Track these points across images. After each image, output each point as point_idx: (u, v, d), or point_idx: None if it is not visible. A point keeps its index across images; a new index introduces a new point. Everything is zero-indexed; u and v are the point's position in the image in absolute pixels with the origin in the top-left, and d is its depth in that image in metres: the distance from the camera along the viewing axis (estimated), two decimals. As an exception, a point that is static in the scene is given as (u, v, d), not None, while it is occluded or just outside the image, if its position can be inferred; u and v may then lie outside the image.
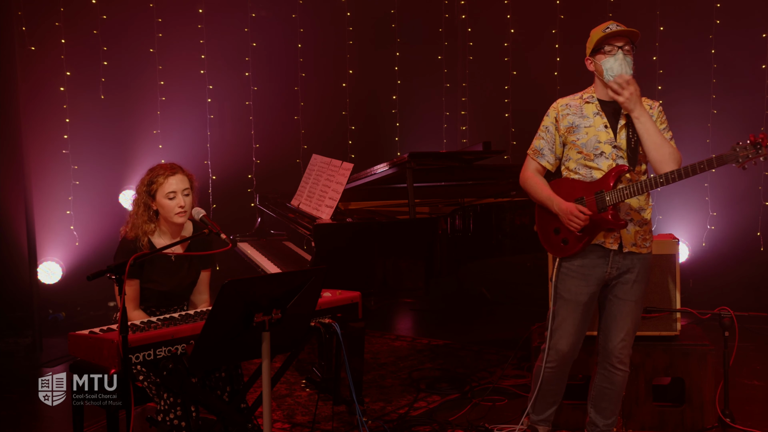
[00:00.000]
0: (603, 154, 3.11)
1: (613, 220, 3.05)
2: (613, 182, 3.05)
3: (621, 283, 3.17)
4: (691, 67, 6.19)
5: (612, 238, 3.12)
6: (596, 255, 3.14)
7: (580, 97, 3.22)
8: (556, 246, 3.21)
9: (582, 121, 3.15)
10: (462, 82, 7.17)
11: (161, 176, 3.19)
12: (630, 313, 3.19)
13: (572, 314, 3.19)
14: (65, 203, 6.19)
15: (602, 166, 3.11)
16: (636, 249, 3.14)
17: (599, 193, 3.07)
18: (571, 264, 3.18)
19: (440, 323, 6.18)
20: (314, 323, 2.97)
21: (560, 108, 3.21)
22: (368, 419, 3.89)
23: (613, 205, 3.05)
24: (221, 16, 6.66)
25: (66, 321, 6.00)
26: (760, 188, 6.03)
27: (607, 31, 3.06)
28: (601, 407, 3.33)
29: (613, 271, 3.15)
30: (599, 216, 3.07)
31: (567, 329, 3.21)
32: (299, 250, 4.56)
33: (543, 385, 3.32)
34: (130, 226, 3.21)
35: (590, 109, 3.17)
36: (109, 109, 6.32)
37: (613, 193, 3.05)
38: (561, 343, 3.22)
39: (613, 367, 3.24)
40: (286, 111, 6.88)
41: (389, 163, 4.23)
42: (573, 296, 3.18)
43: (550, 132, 3.22)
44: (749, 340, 5.05)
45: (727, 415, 3.72)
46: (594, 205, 3.08)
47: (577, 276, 3.16)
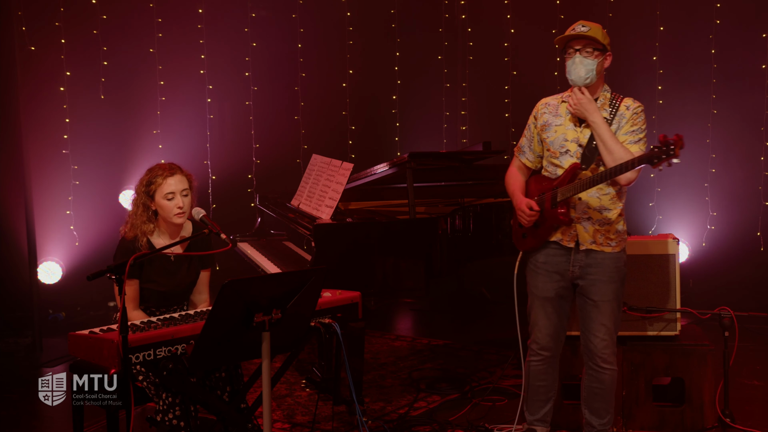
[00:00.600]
0: (568, 152, 3.18)
1: (561, 217, 3.13)
2: (568, 180, 3.13)
3: (589, 283, 3.20)
4: (691, 67, 6.19)
5: (568, 236, 3.18)
6: (557, 251, 3.23)
7: (560, 97, 3.27)
8: (518, 239, 3.38)
9: (554, 120, 3.23)
10: (462, 82, 7.18)
11: (160, 177, 3.18)
12: (606, 313, 3.19)
13: (543, 309, 3.30)
14: (65, 203, 6.19)
15: (564, 164, 3.18)
16: (597, 247, 3.16)
17: (554, 190, 3.17)
18: (535, 260, 3.29)
19: (440, 323, 6.18)
20: (314, 323, 2.97)
21: (540, 107, 3.31)
22: (368, 419, 3.89)
23: (563, 201, 3.11)
24: (221, 16, 6.66)
25: (66, 321, 6.00)
26: (760, 188, 6.03)
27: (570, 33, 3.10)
28: (594, 407, 3.34)
29: (576, 270, 3.20)
30: (551, 212, 3.17)
31: (541, 323, 3.31)
32: (299, 250, 4.56)
33: (531, 381, 3.39)
34: (129, 226, 3.21)
35: (564, 108, 3.23)
36: (109, 109, 6.31)
37: (564, 189, 3.13)
38: (539, 337, 3.33)
39: (598, 367, 3.26)
40: (286, 111, 6.88)
41: (389, 163, 4.23)
42: (540, 292, 3.28)
43: (530, 130, 3.33)
44: (749, 340, 5.05)
45: (727, 415, 3.72)
46: (549, 201, 3.18)
47: (542, 272, 3.27)
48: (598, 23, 3.13)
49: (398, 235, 3.88)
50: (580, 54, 3.08)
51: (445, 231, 4.00)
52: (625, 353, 3.70)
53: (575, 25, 3.11)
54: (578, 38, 3.08)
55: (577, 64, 3.08)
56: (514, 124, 6.89)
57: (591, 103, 3.08)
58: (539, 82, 6.73)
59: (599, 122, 3.06)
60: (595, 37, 3.06)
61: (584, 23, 3.10)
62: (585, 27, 3.08)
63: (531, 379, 3.39)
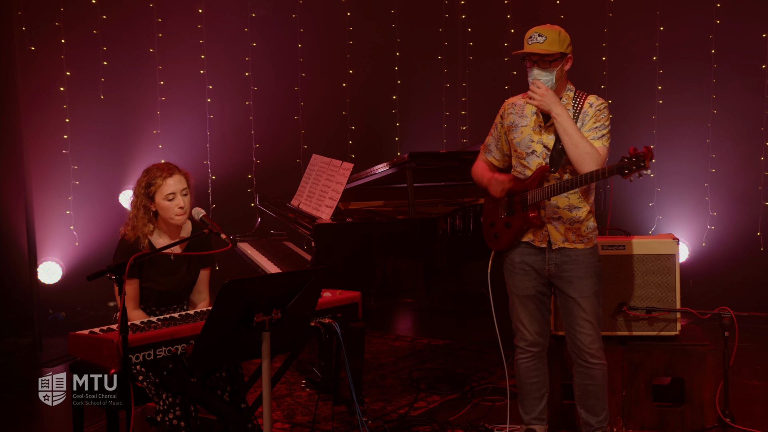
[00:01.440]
0: (534, 153, 3.19)
1: (533, 220, 3.17)
2: (537, 182, 3.15)
3: (566, 281, 3.22)
4: (691, 67, 6.19)
5: (540, 236, 3.21)
6: (532, 251, 3.25)
7: (525, 96, 3.25)
8: (489, 238, 3.40)
9: (520, 120, 3.24)
10: (462, 82, 7.17)
11: (159, 178, 3.18)
12: (587, 309, 3.21)
13: (525, 307, 3.33)
14: (65, 203, 6.19)
15: (532, 165, 3.20)
16: (569, 245, 3.19)
17: (523, 192, 3.19)
18: (512, 260, 3.32)
19: (440, 323, 6.18)
20: (314, 323, 2.97)
21: (507, 107, 3.33)
22: (368, 419, 3.89)
23: (534, 204, 3.14)
24: (221, 16, 6.66)
25: (66, 321, 6.00)
26: (760, 188, 6.03)
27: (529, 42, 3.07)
28: (589, 405, 3.34)
29: (552, 267, 3.23)
30: (522, 213, 3.20)
31: (526, 321, 3.34)
32: (299, 250, 4.56)
33: (523, 379, 3.42)
34: (130, 228, 3.21)
35: (529, 108, 3.23)
36: (109, 109, 6.31)
37: (534, 192, 3.14)
38: (525, 334, 3.36)
39: (587, 363, 3.27)
40: (286, 111, 6.88)
41: (389, 163, 4.23)
42: (520, 291, 3.32)
43: (497, 129, 3.36)
44: (749, 340, 5.05)
45: (727, 415, 3.72)
46: (519, 204, 3.20)
47: (519, 272, 3.30)
48: (554, 25, 3.11)
49: (398, 235, 3.88)
50: (537, 67, 3.09)
51: (445, 231, 4.00)
52: (625, 353, 3.70)
53: (531, 34, 3.08)
54: (533, 54, 3.08)
55: (536, 75, 3.09)
56: (514, 124, 6.87)
57: (554, 96, 3.08)
58: (539, 82, 6.73)
59: (564, 115, 3.05)
60: (549, 51, 3.04)
61: (540, 32, 3.06)
62: (541, 37, 3.05)
63: (523, 377, 3.42)
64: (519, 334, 3.40)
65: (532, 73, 3.11)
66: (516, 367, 3.44)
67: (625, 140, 6.21)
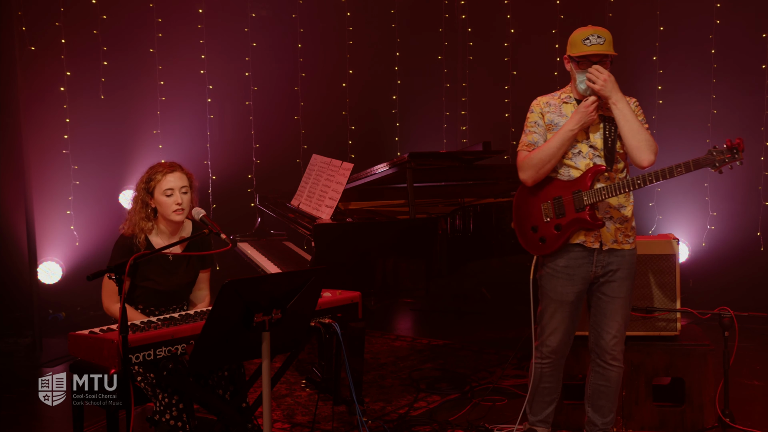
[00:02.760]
0: (580, 153, 3.15)
1: (591, 219, 3.10)
2: (590, 182, 3.11)
3: (608, 281, 3.20)
4: (691, 67, 6.19)
5: (592, 237, 3.15)
6: (579, 254, 3.18)
7: (558, 97, 3.24)
8: (534, 244, 3.26)
9: (561, 120, 3.18)
10: (462, 82, 7.17)
11: (159, 173, 3.20)
12: (620, 310, 3.22)
13: (559, 312, 3.25)
14: (65, 203, 6.19)
15: (580, 165, 3.15)
16: (618, 246, 3.18)
17: (576, 193, 3.12)
18: (555, 264, 3.22)
19: (440, 323, 6.18)
20: (314, 323, 2.97)
21: (542, 105, 3.25)
22: (368, 419, 3.89)
23: (590, 204, 3.10)
24: (221, 16, 6.66)
25: (66, 321, 5.99)
26: (760, 188, 6.03)
27: (587, 43, 3.05)
28: (599, 405, 3.34)
29: (599, 270, 3.18)
30: (577, 215, 3.12)
31: (555, 326, 3.27)
32: (299, 250, 4.56)
33: (538, 383, 3.37)
34: (128, 223, 3.22)
35: (568, 108, 3.20)
36: (109, 109, 6.31)
37: (591, 193, 3.10)
38: (551, 339, 3.29)
39: (606, 364, 3.27)
40: (286, 111, 6.88)
41: (389, 163, 4.23)
42: (559, 296, 3.23)
43: (540, 125, 3.24)
44: (749, 340, 5.05)
45: (727, 415, 3.72)
46: (572, 205, 3.13)
47: (563, 276, 3.20)
48: (604, 27, 3.11)
49: (398, 235, 3.88)
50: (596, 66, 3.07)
51: (445, 231, 4.00)
52: (625, 353, 3.69)
53: (588, 35, 3.05)
54: (600, 55, 3.06)
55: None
56: (514, 124, 6.88)
57: (615, 82, 3.05)
58: (539, 82, 6.73)
59: (623, 101, 3.05)
60: (610, 52, 3.06)
61: (598, 33, 3.05)
62: (600, 39, 3.04)
63: (537, 381, 3.37)
64: (543, 339, 3.32)
65: (582, 74, 3.08)
66: (532, 370, 3.40)
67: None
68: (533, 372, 3.38)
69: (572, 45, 3.12)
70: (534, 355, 3.38)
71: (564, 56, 3.19)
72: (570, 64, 3.15)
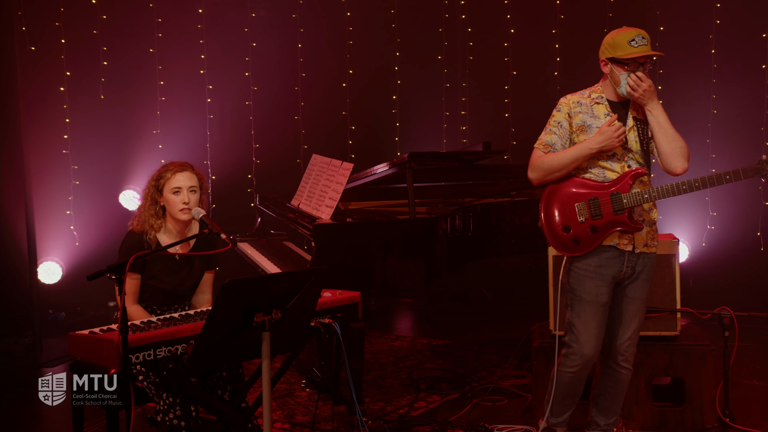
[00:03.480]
0: (615, 156, 3.11)
1: (630, 222, 3.06)
2: (629, 185, 3.07)
3: (633, 282, 3.17)
4: (691, 67, 6.19)
5: (626, 239, 3.11)
6: (611, 254, 3.12)
7: (589, 96, 3.18)
8: (566, 245, 3.16)
9: (594, 121, 3.13)
10: (462, 82, 7.17)
11: (169, 172, 3.22)
12: (638, 312, 3.21)
13: (596, 316, 3.15)
14: (65, 203, 6.19)
15: (615, 168, 3.11)
16: (647, 249, 3.15)
17: (615, 195, 3.07)
18: (587, 264, 3.14)
19: (440, 323, 6.18)
20: (314, 323, 2.97)
21: (572, 105, 3.17)
22: (368, 419, 3.89)
23: (630, 207, 3.06)
24: (221, 16, 6.66)
25: (66, 321, 5.99)
26: (760, 188, 6.03)
27: (633, 45, 3.00)
28: (604, 406, 3.33)
29: (628, 271, 3.14)
30: (615, 217, 3.07)
31: (592, 332, 3.15)
32: (299, 250, 4.56)
33: (564, 389, 3.25)
34: (137, 219, 3.23)
35: (601, 109, 3.14)
36: (109, 109, 6.31)
37: (631, 195, 3.06)
38: (587, 347, 3.15)
39: (618, 366, 3.25)
40: (286, 111, 6.88)
41: (389, 163, 4.23)
42: (594, 297, 3.13)
43: (564, 127, 3.17)
44: (749, 340, 5.05)
45: (727, 415, 3.72)
46: (609, 206, 3.08)
47: (596, 276, 3.13)
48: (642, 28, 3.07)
49: (398, 235, 3.88)
50: (642, 68, 3.05)
51: (445, 231, 4.00)
52: (625, 353, 3.69)
53: (635, 36, 2.99)
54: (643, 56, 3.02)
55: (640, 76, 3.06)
56: (514, 124, 6.89)
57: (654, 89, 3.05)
58: (539, 82, 6.74)
59: (660, 109, 3.06)
60: (659, 52, 3.05)
61: (642, 34, 3.01)
62: (645, 39, 3.00)
63: (564, 387, 3.24)
64: (578, 346, 3.16)
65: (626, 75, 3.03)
66: (559, 376, 3.25)
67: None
68: (558, 378, 3.25)
69: (615, 47, 3.03)
70: (560, 362, 3.24)
71: (601, 59, 3.11)
72: (609, 66, 3.08)
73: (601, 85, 3.20)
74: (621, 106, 3.15)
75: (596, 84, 3.23)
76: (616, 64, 3.05)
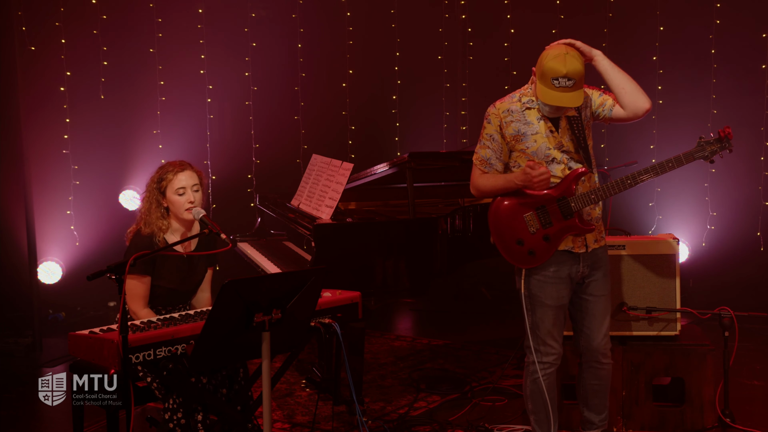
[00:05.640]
0: (555, 160, 3.06)
1: (581, 224, 3.06)
2: (574, 187, 3.04)
3: (593, 280, 3.18)
4: (691, 67, 6.19)
5: (579, 241, 3.11)
6: (567, 258, 3.12)
7: (519, 100, 3.10)
8: (521, 257, 3.12)
9: (527, 129, 3.06)
10: (462, 82, 7.17)
11: (170, 173, 3.21)
12: (607, 308, 3.23)
13: (558, 317, 3.17)
14: (65, 203, 6.19)
15: (556, 172, 3.06)
16: (597, 245, 3.17)
17: (562, 200, 3.04)
18: (546, 271, 3.12)
19: (440, 323, 6.18)
20: (314, 323, 2.97)
21: (502, 114, 3.09)
22: (368, 419, 3.89)
23: (579, 210, 3.04)
24: (221, 16, 6.66)
25: (66, 321, 6.00)
26: (760, 188, 6.03)
27: (555, 84, 2.88)
28: (593, 404, 3.35)
29: (585, 270, 3.15)
30: (565, 222, 3.05)
31: (555, 332, 3.16)
32: (299, 250, 4.56)
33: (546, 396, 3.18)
34: (143, 223, 3.22)
35: (533, 114, 3.07)
36: (109, 109, 6.31)
37: (578, 198, 3.03)
38: (554, 348, 3.17)
39: (599, 363, 3.27)
40: (286, 111, 6.88)
41: (389, 163, 4.23)
42: (555, 301, 3.13)
43: (496, 140, 3.11)
44: (749, 340, 5.05)
45: (727, 415, 3.72)
46: (558, 213, 3.05)
47: (556, 281, 3.12)
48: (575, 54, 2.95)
49: (398, 235, 3.88)
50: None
51: (445, 231, 4.00)
52: (625, 353, 3.70)
53: (560, 75, 2.86)
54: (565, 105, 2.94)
55: (558, 110, 3.01)
56: (514, 124, 6.87)
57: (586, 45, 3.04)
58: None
59: (603, 55, 3.05)
60: (578, 104, 2.93)
61: (571, 74, 2.86)
62: (570, 81, 2.88)
63: (547, 394, 3.19)
64: (546, 349, 3.16)
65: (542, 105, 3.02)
66: (537, 387, 3.19)
67: (626, 139, 6.24)
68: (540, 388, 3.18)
69: (541, 74, 2.92)
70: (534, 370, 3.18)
71: (533, 67, 3.02)
72: (535, 78, 3.00)
73: (531, 87, 3.12)
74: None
75: (526, 85, 3.15)
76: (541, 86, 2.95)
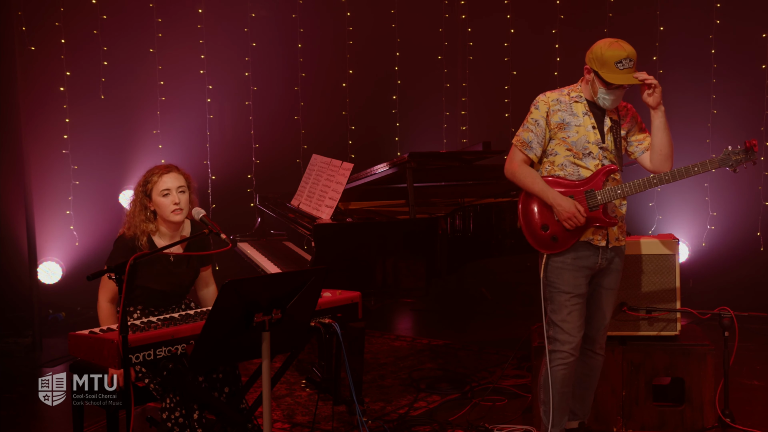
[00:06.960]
0: (591, 154, 3.19)
1: (605, 217, 3.16)
2: (603, 181, 3.16)
3: (607, 273, 3.27)
4: (691, 67, 6.19)
5: (600, 235, 3.20)
6: (588, 249, 3.21)
7: (568, 95, 3.24)
8: (545, 243, 3.23)
9: (572, 119, 3.20)
10: (462, 82, 7.17)
11: (155, 175, 3.22)
12: (613, 301, 3.34)
13: (577, 307, 3.21)
14: (65, 203, 6.19)
15: (589, 166, 3.19)
16: (618, 243, 3.26)
17: (590, 192, 3.16)
18: (565, 258, 3.21)
19: (440, 323, 6.18)
20: (314, 323, 2.97)
21: (551, 102, 3.22)
22: (368, 419, 3.89)
23: (604, 204, 3.16)
24: (221, 16, 6.66)
25: (66, 321, 5.99)
26: (760, 188, 6.03)
27: (620, 67, 3.08)
28: (580, 395, 3.40)
29: (603, 263, 3.24)
30: (590, 214, 3.16)
31: (575, 323, 3.21)
32: (299, 250, 4.56)
33: (560, 386, 3.23)
34: (127, 225, 3.23)
35: (579, 108, 3.21)
36: (109, 109, 6.31)
37: (605, 192, 3.15)
38: (572, 338, 3.20)
39: (593, 353, 3.35)
40: (286, 111, 6.88)
41: (389, 163, 4.23)
42: (575, 288, 3.21)
43: (540, 125, 3.21)
44: (749, 340, 5.05)
45: (727, 415, 3.72)
46: (584, 203, 3.16)
47: (574, 268, 3.21)
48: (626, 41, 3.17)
49: (398, 235, 3.88)
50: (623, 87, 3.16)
51: (445, 231, 4.00)
52: (625, 353, 3.70)
53: (623, 57, 3.11)
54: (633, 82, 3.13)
55: (619, 97, 3.19)
56: (514, 124, 6.88)
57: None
58: (539, 82, 6.72)
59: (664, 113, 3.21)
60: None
61: (631, 55, 3.13)
62: (631, 62, 3.14)
63: (560, 385, 3.23)
64: (564, 338, 3.20)
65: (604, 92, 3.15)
66: (553, 374, 3.23)
67: (625, 140, 6.23)
68: (553, 378, 3.22)
69: (602, 64, 3.08)
70: (551, 359, 3.23)
71: (586, 65, 3.15)
72: (592, 75, 3.13)
73: (580, 85, 3.26)
74: (598, 107, 3.21)
75: (575, 83, 3.28)
76: (600, 78, 3.11)
